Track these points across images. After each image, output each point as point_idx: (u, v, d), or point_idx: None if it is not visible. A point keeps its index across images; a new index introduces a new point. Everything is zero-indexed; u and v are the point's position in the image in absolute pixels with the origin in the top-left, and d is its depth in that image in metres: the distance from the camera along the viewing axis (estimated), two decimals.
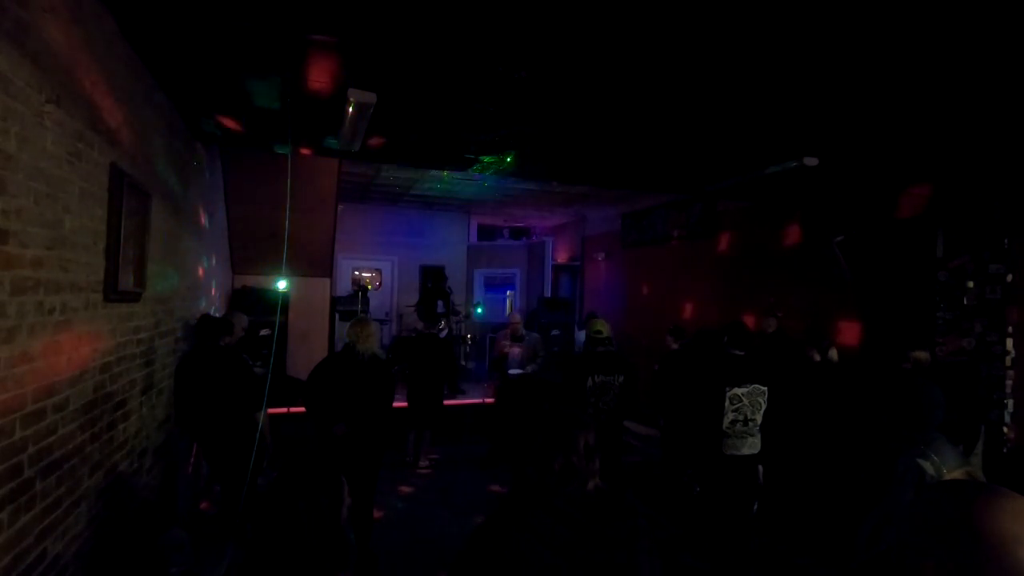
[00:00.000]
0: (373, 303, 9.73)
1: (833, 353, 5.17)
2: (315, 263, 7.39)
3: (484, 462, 6.38)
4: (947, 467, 2.09)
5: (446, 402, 6.65)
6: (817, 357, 5.20)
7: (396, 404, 4.43)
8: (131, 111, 2.88)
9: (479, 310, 10.68)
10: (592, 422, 1.63)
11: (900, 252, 5.35)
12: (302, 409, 4.35)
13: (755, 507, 3.67)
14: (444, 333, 7.67)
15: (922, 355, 4.00)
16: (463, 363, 9.35)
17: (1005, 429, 4.50)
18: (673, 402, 5.35)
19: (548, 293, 10.69)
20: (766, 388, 3.61)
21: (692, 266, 8.18)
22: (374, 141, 4.28)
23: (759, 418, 3.60)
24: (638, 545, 1.49)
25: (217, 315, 5.06)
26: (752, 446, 3.59)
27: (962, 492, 0.89)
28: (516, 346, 6.55)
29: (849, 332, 5.79)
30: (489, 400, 7.33)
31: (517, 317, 6.89)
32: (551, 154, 4.69)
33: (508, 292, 11.61)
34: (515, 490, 1.59)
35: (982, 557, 0.80)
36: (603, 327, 4.51)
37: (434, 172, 7.34)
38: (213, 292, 5.75)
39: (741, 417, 3.55)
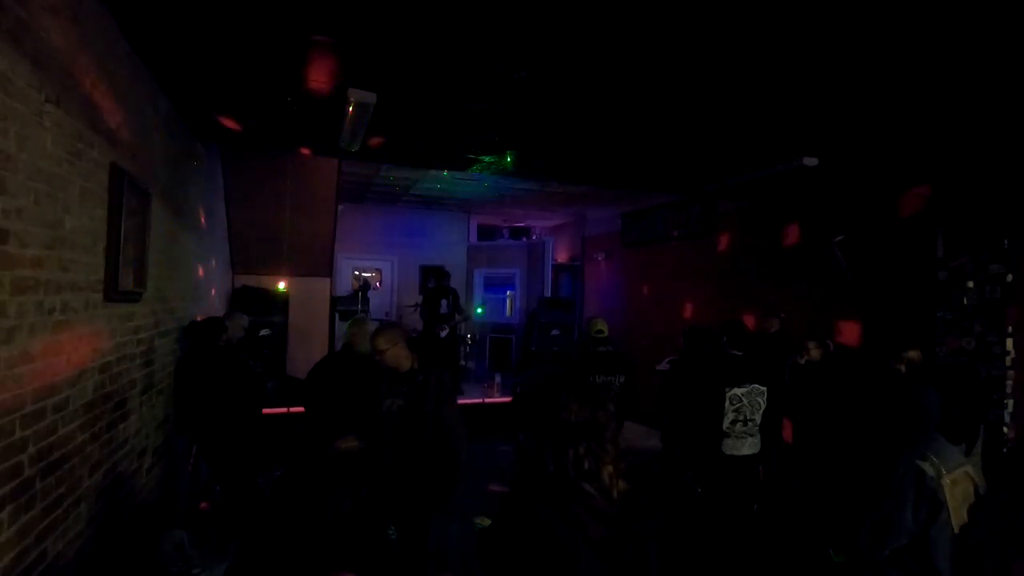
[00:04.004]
0: (373, 303, 9.72)
1: (828, 345, 5.14)
2: (315, 263, 7.40)
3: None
4: (947, 468, 2.09)
5: None
6: (817, 355, 5.19)
7: None
8: (131, 111, 2.88)
9: (480, 310, 10.73)
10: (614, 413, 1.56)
11: (900, 252, 5.35)
12: (302, 409, 4.35)
13: (755, 507, 3.68)
14: (444, 333, 7.30)
15: (914, 354, 3.99)
16: (463, 363, 9.33)
17: (1005, 429, 4.49)
18: (675, 403, 5.35)
19: (548, 293, 10.69)
20: (765, 388, 3.61)
21: (692, 266, 8.17)
22: (374, 141, 4.28)
23: (759, 418, 3.60)
24: (652, 544, 1.47)
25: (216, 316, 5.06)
26: (752, 446, 3.60)
27: None
28: (395, 397, 3.11)
29: (849, 332, 5.78)
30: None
31: (383, 342, 3.06)
32: (551, 154, 4.69)
33: (508, 292, 11.61)
34: (523, 470, 1.54)
35: None
36: (604, 326, 4.51)
37: (434, 172, 7.33)
38: (213, 292, 5.75)
39: (741, 417, 3.55)
